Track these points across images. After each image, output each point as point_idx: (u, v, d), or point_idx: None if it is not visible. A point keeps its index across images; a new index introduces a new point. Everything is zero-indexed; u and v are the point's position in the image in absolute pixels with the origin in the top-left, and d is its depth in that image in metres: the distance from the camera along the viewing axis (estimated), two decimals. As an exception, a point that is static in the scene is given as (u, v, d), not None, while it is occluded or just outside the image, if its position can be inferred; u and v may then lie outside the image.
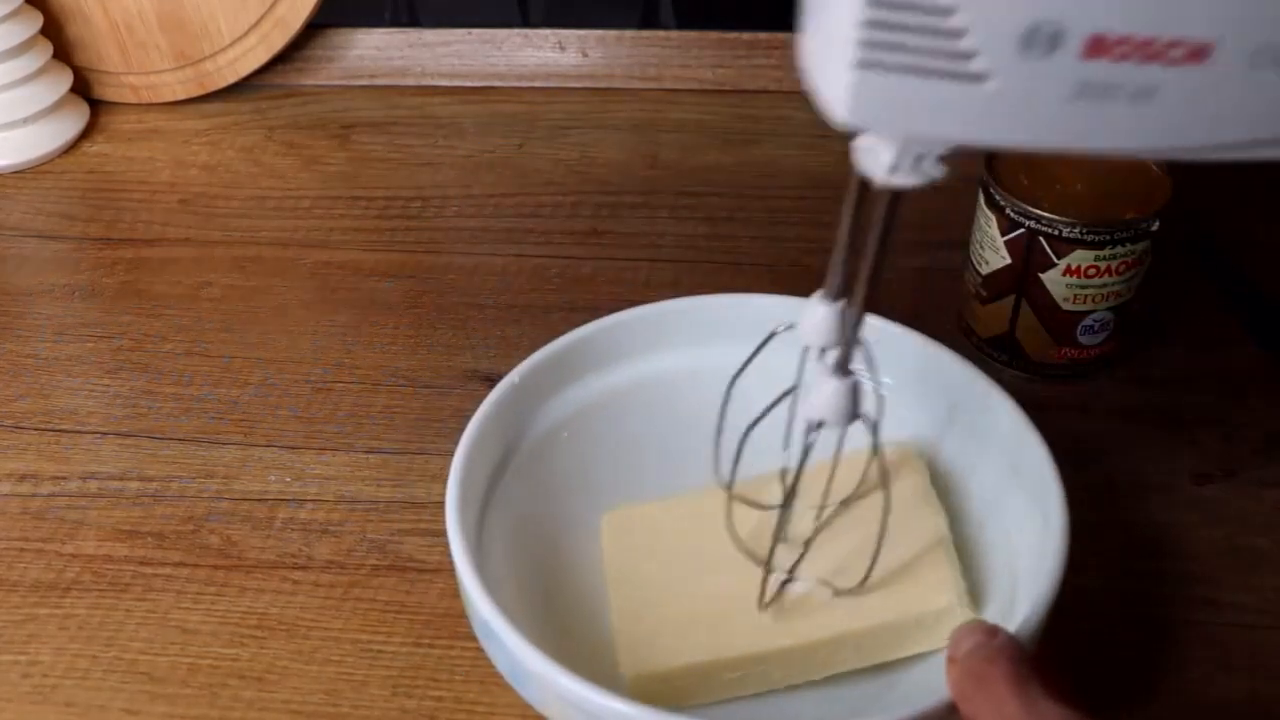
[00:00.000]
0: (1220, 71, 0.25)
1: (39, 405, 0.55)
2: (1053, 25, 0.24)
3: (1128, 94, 0.25)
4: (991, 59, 0.25)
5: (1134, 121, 0.26)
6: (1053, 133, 0.26)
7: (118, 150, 0.72)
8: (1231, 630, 0.44)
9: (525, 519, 0.44)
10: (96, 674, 0.43)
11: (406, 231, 0.65)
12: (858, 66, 0.25)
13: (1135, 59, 0.25)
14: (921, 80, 0.25)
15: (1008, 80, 0.25)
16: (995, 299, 0.53)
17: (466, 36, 0.76)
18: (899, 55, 0.25)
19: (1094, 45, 0.24)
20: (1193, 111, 0.26)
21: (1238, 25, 0.24)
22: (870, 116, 0.26)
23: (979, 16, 0.24)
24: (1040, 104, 0.25)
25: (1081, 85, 0.25)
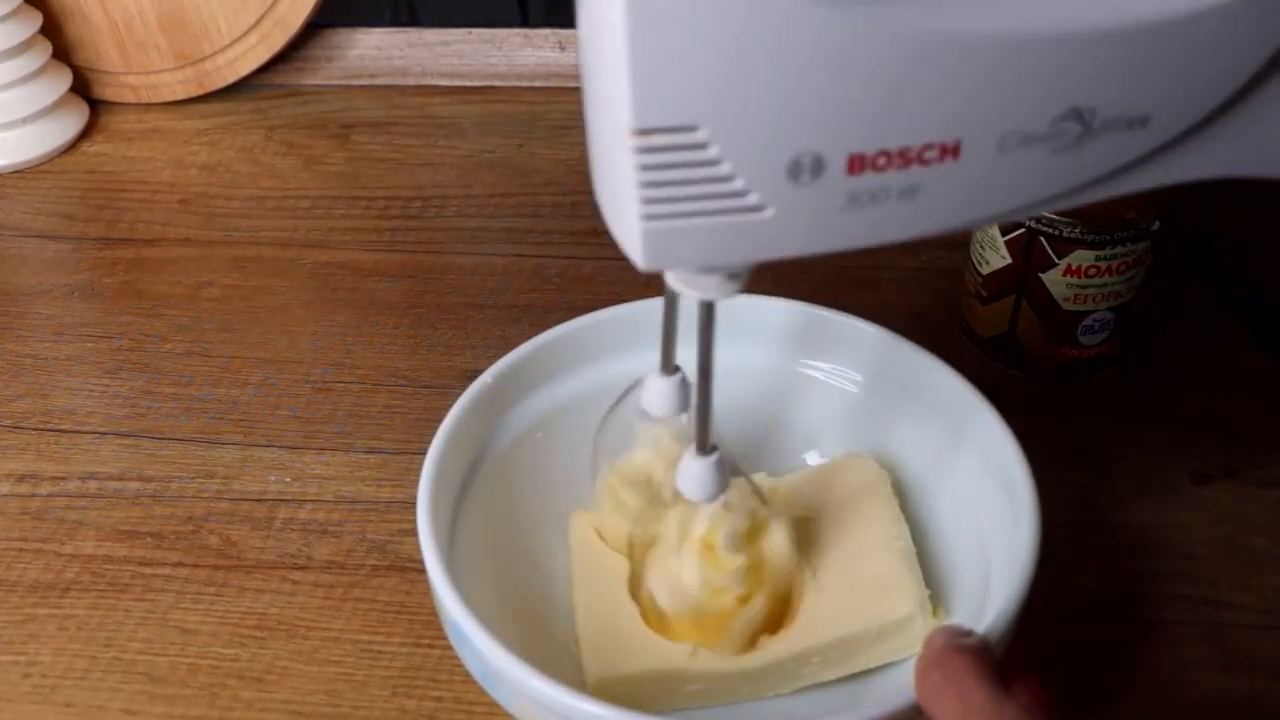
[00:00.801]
0: (974, 161, 0.27)
1: (39, 405, 0.55)
2: (811, 155, 0.26)
3: (895, 195, 0.27)
4: (764, 192, 0.27)
5: (906, 215, 0.28)
6: (834, 239, 0.28)
7: (118, 150, 0.72)
8: (1231, 630, 0.44)
9: (498, 519, 0.43)
10: (96, 674, 0.43)
11: (406, 231, 0.65)
12: (645, 219, 0.27)
13: (896, 166, 0.27)
14: (705, 219, 0.27)
15: (783, 206, 0.27)
16: (995, 299, 0.53)
17: (466, 36, 0.76)
18: (680, 204, 0.27)
19: (854, 163, 0.26)
20: (956, 197, 0.28)
21: (979, 121, 0.26)
22: (666, 259, 0.28)
23: (743, 160, 0.26)
24: (818, 219, 0.27)
25: (851, 197, 0.27)
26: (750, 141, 0.26)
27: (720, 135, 0.26)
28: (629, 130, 0.26)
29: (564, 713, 0.35)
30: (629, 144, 0.26)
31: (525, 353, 0.45)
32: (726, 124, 0.26)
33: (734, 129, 0.26)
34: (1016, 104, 0.26)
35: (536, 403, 0.46)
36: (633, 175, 0.26)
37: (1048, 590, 0.42)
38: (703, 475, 0.36)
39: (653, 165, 0.26)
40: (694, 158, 0.26)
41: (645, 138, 0.26)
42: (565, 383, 0.46)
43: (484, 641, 0.36)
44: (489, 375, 0.44)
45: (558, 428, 0.46)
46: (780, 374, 0.47)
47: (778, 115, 0.26)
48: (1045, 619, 0.43)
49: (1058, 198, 0.29)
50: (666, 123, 0.26)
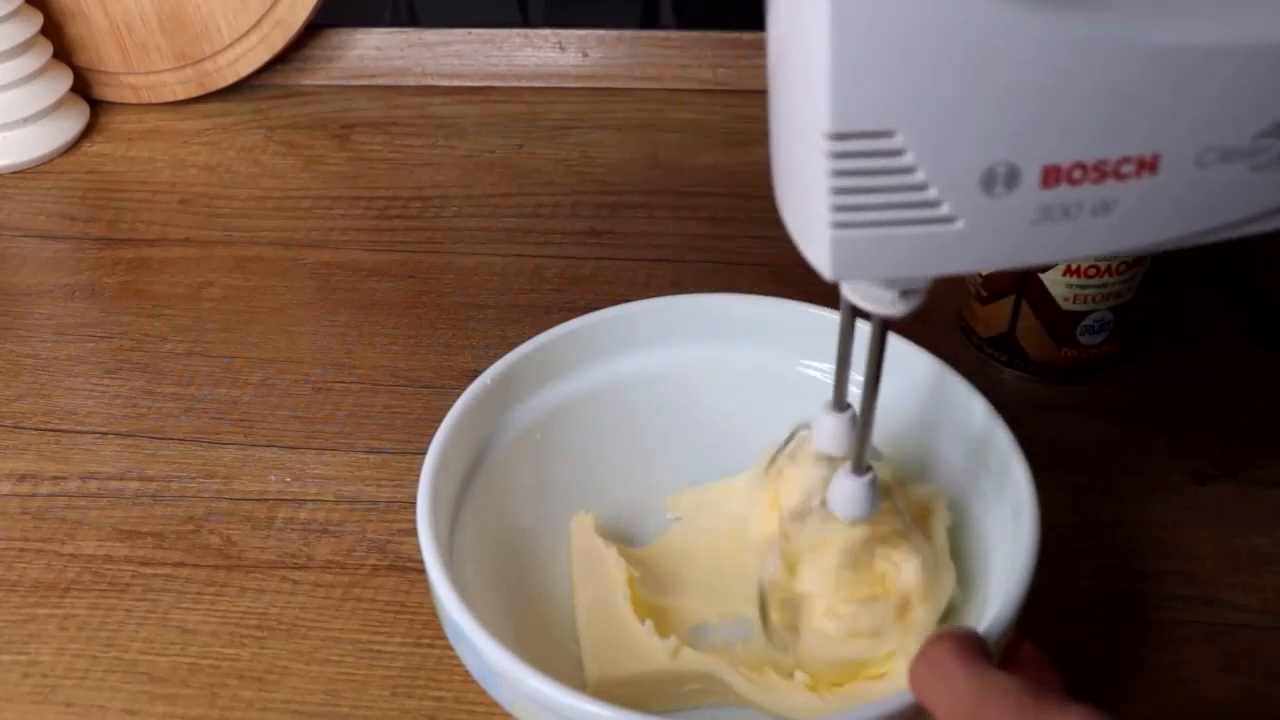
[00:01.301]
0: (1172, 177, 0.26)
1: (39, 405, 0.55)
2: (1006, 165, 0.26)
3: (1089, 210, 0.27)
4: (957, 203, 0.26)
5: (1098, 231, 0.27)
6: (1024, 254, 0.28)
7: (118, 150, 0.72)
8: (1231, 630, 0.44)
9: (498, 519, 0.43)
10: (96, 674, 0.43)
11: (406, 231, 0.65)
12: (834, 227, 0.27)
13: (1091, 180, 0.26)
14: (896, 229, 0.27)
15: (975, 218, 0.27)
16: (995, 299, 0.53)
17: (466, 36, 0.76)
18: (871, 213, 0.27)
19: (1049, 175, 0.26)
20: (1152, 214, 0.27)
21: (1178, 135, 0.26)
22: (854, 269, 0.28)
23: (938, 168, 0.26)
24: (1008, 233, 0.27)
25: (1044, 210, 0.27)
26: (946, 149, 0.26)
27: (916, 142, 0.26)
28: (825, 133, 0.26)
29: (562, 712, 0.35)
30: (824, 147, 0.26)
31: (526, 352, 0.45)
32: (923, 130, 0.26)
33: (930, 136, 0.26)
34: (1217, 118, 0.26)
35: (537, 402, 0.46)
36: (825, 181, 0.26)
37: (1048, 590, 0.42)
38: (857, 494, 0.36)
39: (846, 171, 0.26)
40: (888, 164, 0.26)
41: (841, 142, 0.26)
42: (566, 383, 0.46)
43: (483, 640, 0.36)
44: (488, 375, 0.44)
45: (558, 428, 0.46)
46: (780, 374, 0.47)
47: (974, 124, 0.25)
48: (1045, 619, 0.43)
49: (1256, 219, 0.28)
50: (863, 127, 0.26)
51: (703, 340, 0.47)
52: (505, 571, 0.43)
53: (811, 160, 0.26)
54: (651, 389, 0.47)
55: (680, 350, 0.47)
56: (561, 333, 0.46)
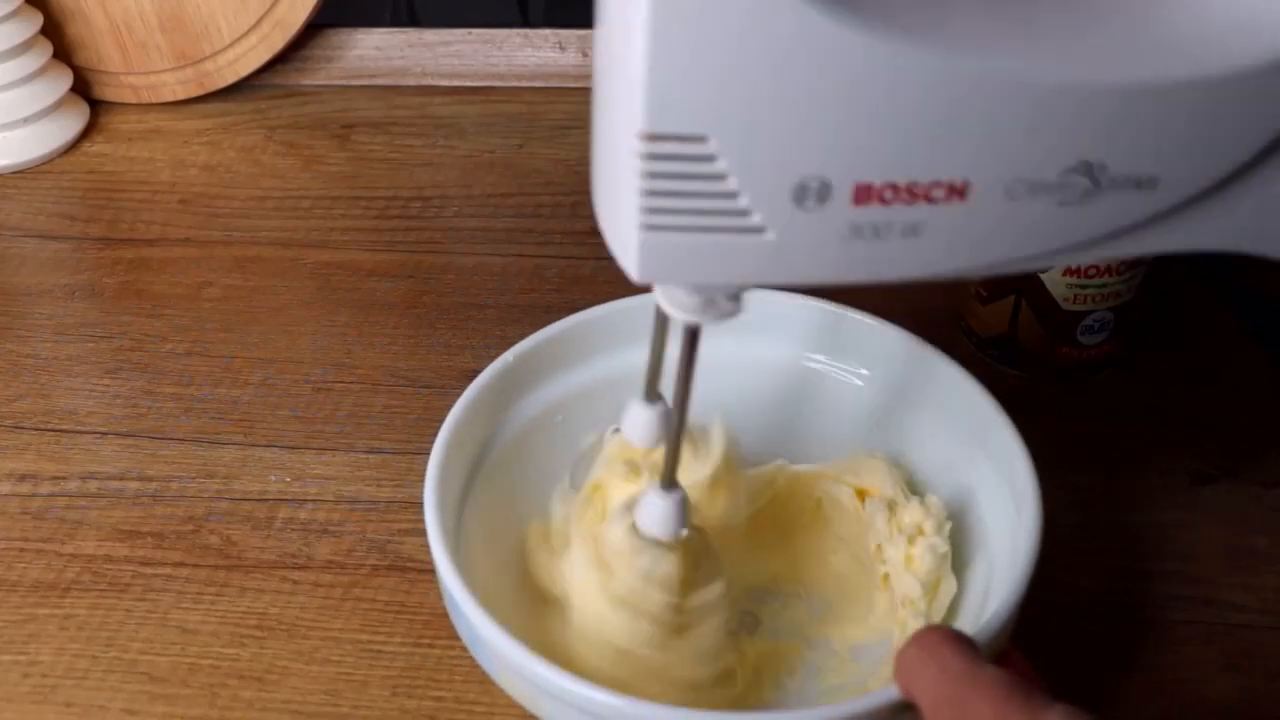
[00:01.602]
0: (981, 205, 0.27)
1: (39, 405, 0.55)
2: (819, 179, 0.26)
3: (899, 231, 0.27)
4: (767, 214, 0.27)
5: (907, 253, 0.28)
6: (831, 270, 0.28)
7: (118, 150, 0.72)
8: (1231, 630, 0.44)
9: (503, 512, 0.44)
10: (96, 674, 0.43)
11: (406, 231, 0.65)
12: (643, 229, 0.27)
13: (902, 200, 0.27)
14: (704, 235, 0.27)
15: (785, 230, 0.27)
16: (995, 298, 0.53)
17: (466, 36, 0.76)
18: (680, 216, 0.27)
19: (861, 193, 0.26)
20: (961, 240, 0.28)
21: (989, 164, 0.26)
22: (660, 272, 0.28)
23: (750, 177, 0.26)
24: (817, 248, 0.27)
25: (854, 228, 0.27)
26: (759, 159, 0.26)
27: (730, 149, 0.26)
28: (639, 134, 0.26)
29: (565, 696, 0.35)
30: (637, 148, 0.26)
31: (532, 345, 0.45)
32: (737, 138, 0.26)
33: (744, 144, 0.26)
34: (1028, 151, 0.26)
35: (542, 395, 0.46)
36: (636, 181, 0.26)
37: (1048, 590, 0.42)
38: (666, 513, 0.36)
39: (658, 173, 0.26)
40: (700, 170, 0.26)
41: (654, 144, 0.26)
42: (571, 376, 0.46)
43: (476, 614, 0.36)
44: (511, 354, 0.44)
45: (564, 419, 0.46)
46: (785, 368, 0.47)
47: (789, 135, 0.26)
48: (1045, 619, 0.44)
49: (1061, 252, 0.28)
50: (676, 130, 0.26)
51: (707, 333, 0.47)
52: (508, 561, 0.43)
53: (624, 160, 0.26)
54: (624, 386, 0.47)
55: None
56: (566, 326, 0.46)
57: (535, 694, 0.36)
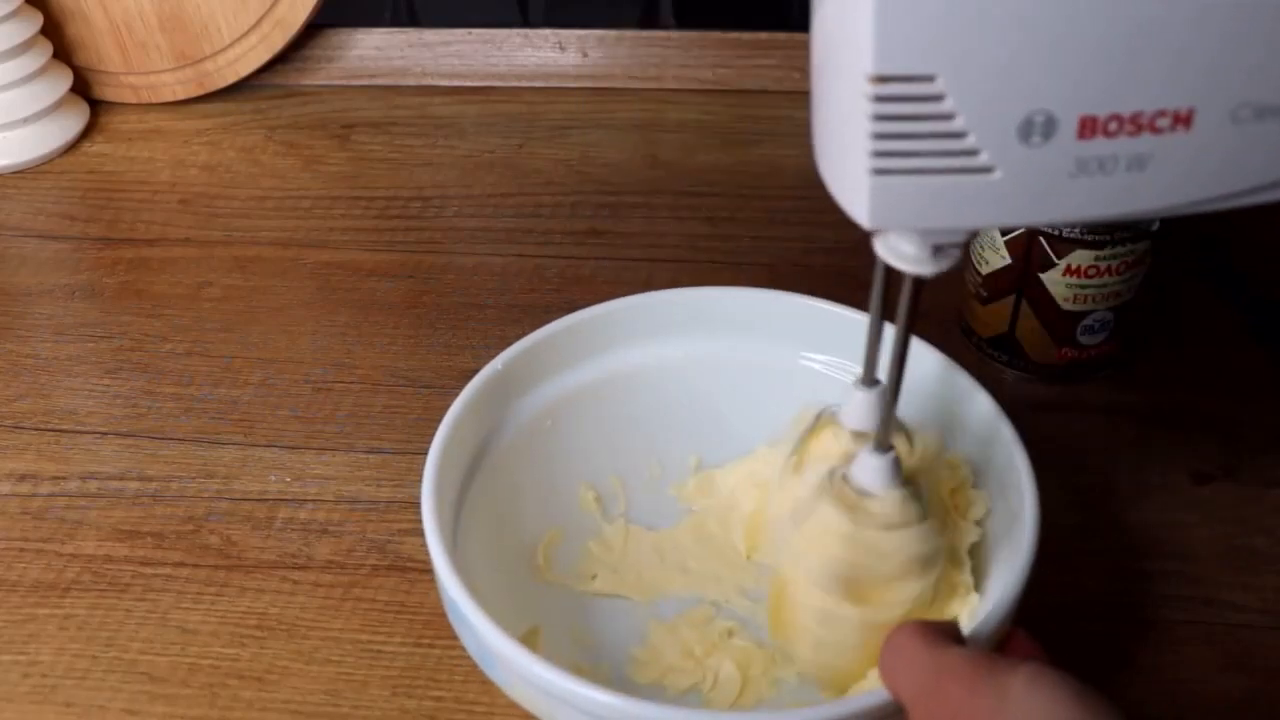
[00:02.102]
0: (1206, 132, 0.27)
1: (39, 405, 0.55)
2: (1044, 114, 0.26)
3: (1124, 164, 0.27)
4: (995, 152, 0.27)
5: (1133, 187, 0.27)
6: (1059, 208, 0.28)
7: (118, 150, 0.72)
8: (1231, 630, 0.44)
9: (502, 511, 0.44)
10: (96, 674, 0.43)
11: (406, 231, 0.65)
12: (873, 174, 0.27)
13: (1126, 132, 0.26)
14: (933, 178, 0.27)
15: (1012, 168, 0.27)
16: (995, 299, 0.53)
17: (466, 36, 0.76)
18: (910, 160, 0.27)
19: (1086, 126, 0.26)
20: (1186, 171, 0.27)
21: (1212, 89, 0.26)
22: (890, 218, 0.28)
23: (977, 116, 0.26)
24: (1044, 185, 0.27)
25: (1080, 163, 0.27)
26: (985, 96, 0.26)
27: (957, 87, 0.26)
28: (868, 76, 0.26)
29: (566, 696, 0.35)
30: (866, 91, 0.26)
31: (531, 344, 0.45)
32: (964, 76, 0.26)
33: (971, 81, 0.26)
34: (1253, 74, 0.26)
35: (540, 395, 0.46)
36: (866, 125, 0.27)
37: (1048, 590, 0.42)
38: (883, 470, 0.36)
39: (887, 115, 0.26)
40: (928, 110, 0.26)
41: (883, 85, 0.26)
42: (570, 375, 0.46)
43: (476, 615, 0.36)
44: (498, 362, 0.45)
45: (562, 420, 0.46)
46: (782, 366, 0.47)
47: (1013, 71, 0.26)
48: (1045, 619, 0.43)
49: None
50: (906, 70, 0.26)
51: (705, 333, 0.47)
52: (510, 561, 0.43)
53: (853, 106, 0.27)
54: (653, 382, 0.47)
55: (682, 343, 0.47)
56: (565, 325, 0.46)
57: (534, 694, 0.36)
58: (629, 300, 0.47)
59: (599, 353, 0.47)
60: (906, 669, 0.32)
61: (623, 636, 0.43)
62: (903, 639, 0.33)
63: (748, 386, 0.47)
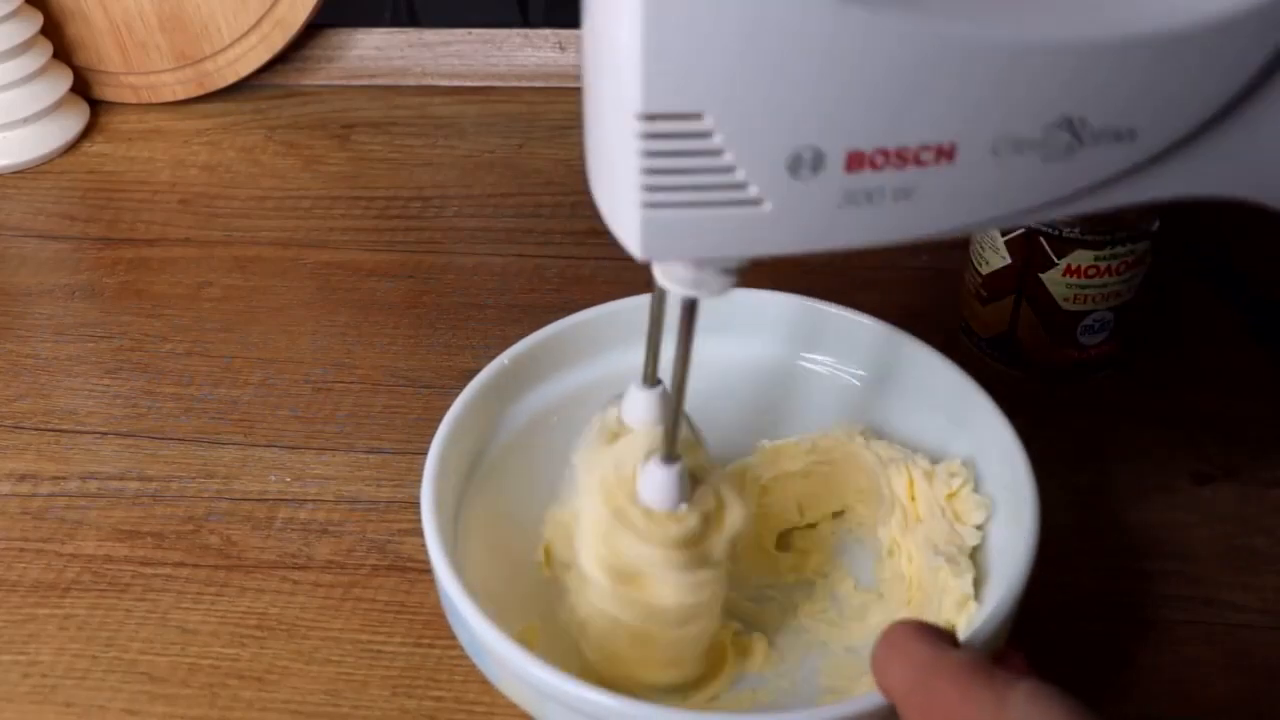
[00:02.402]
0: (968, 165, 0.27)
1: (39, 405, 0.55)
2: (812, 149, 0.27)
3: (891, 195, 0.28)
4: (764, 185, 0.27)
5: (900, 217, 0.28)
6: (828, 237, 0.29)
7: (118, 150, 0.72)
8: (1231, 630, 0.44)
9: (499, 512, 0.44)
10: (96, 674, 0.43)
11: (406, 231, 0.65)
12: (644, 207, 0.28)
13: (893, 165, 0.27)
14: (704, 210, 0.28)
15: (782, 200, 0.27)
16: (995, 299, 0.53)
17: (466, 36, 0.76)
18: (680, 193, 0.27)
19: (853, 160, 0.27)
20: (951, 200, 0.28)
21: (974, 124, 0.27)
22: (663, 249, 0.29)
23: (746, 150, 0.27)
24: (813, 216, 0.28)
25: (848, 195, 0.28)
26: (753, 132, 0.26)
27: (725, 124, 0.26)
28: (635, 115, 0.26)
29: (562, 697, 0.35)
30: (634, 129, 0.26)
31: (529, 346, 0.45)
32: (732, 113, 0.26)
33: (739, 119, 0.26)
34: (1012, 110, 0.27)
35: (539, 396, 0.46)
36: (635, 161, 0.27)
37: (1048, 590, 0.42)
38: (667, 484, 0.36)
39: (656, 152, 0.27)
40: (697, 146, 0.27)
41: (651, 123, 0.26)
42: (568, 377, 0.46)
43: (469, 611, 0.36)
44: (506, 357, 0.45)
45: (561, 420, 0.46)
46: (782, 367, 0.47)
47: (782, 107, 0.26)
48: (1045, 619, 0.43)
49: (1048, 206, 0.29)
50: (673, 109, 0.26)
51: (703, 333, 0.47)
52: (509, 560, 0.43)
53: (622, 141, 0.27)
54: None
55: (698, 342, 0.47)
56: (563, 327, 0.46)
57: (533, 695, 0.36)
58: (627, 302, 0.47)
59: (596, 355, 0.47)
60: (900, 664, 0.32)
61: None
62: (900, 635, 0.33)
63: (747, 387, 0.47)
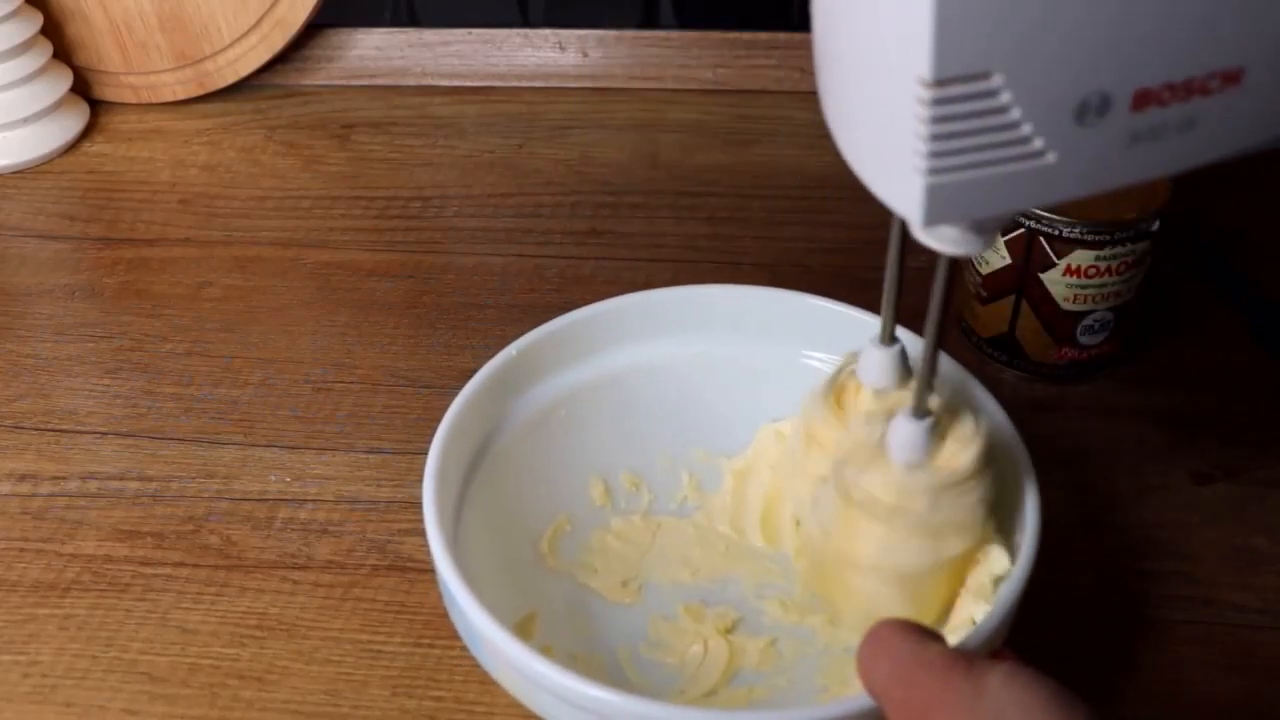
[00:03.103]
0: (1254, 86, 0.27)
1: (39, 405, 0.55)
2: (1099, 95, 0.26)
3: (1174, 128, 0.27)
4: (1050, 137, 0.27)
5: (1181, 148, 0.27)
6: (1110, 179, 0.28)
7: (118, 150, 0.72)
8: (1231, 630, 0.44)
9: (502, 506, 0.44)
10: (96, 674, 0.43)
11: (406, 231, 0.65)
12: (930, 174, 0.27)
13: (1179, 99, 0.27)
14: (988, 170, 0.27)
15: (1067, 150, 0.27)
16: (995, 299, 0.53)
17: (466, 36, 0.76)
18: (965, 156, 0.27)
19: (1140, 99, 0.26)
20: (1232, 125, 0.28)
21: (1261, 45, 0.26)
22: (946, 214, 0.28)
23: (1033, 106, 0.26)
24: (1098, 160, 0.27)
25: (1134, 135, 0.27)
26: (1041, 85, 0.26)
27: (1013, 81, 0.26)
28: (924, 82, 0.25)
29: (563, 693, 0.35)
30: (922, 96, 0.26)
31: (532, 340, 0.46)
32: (1019, 69, 0.26)
33: (1026, 74, 0.26)
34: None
35: (541, 392, 0.46)
36: (920, 129, 0.26)
37: (1048, 590, 0.42)
38: (916, 439, 0.36)
39: (944, 117, 0.26)
40: (984, 106, 0.26)
41: (941, 89, 0.25)
42: (572, 372, 0.47)
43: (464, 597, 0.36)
44: (514, 348, 0.45)
45: (563, 416, 0.46)
46: (782, 365, 0.47)
47: (1070, 56, 0.26)
48: (1045, 619, 0.44)
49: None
50: (964, 71, 0.25)
51: (705, 331, 0.47)
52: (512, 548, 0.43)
53: (902, 109, 0.26)
54: (654, 379, 0.47)
55: (683, 341, 0.48)
56: (565, 323, 0.46)
57: (534, 690, 0.36)
58: (631, 298, 0.47)
59: (600, 350, 0.47)
60: (885, 662, 0.32)
61: (622, 627, 0.43)
62: (883, 632, 0.33)
63: (748, 385, 0.47)
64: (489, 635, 0.36)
